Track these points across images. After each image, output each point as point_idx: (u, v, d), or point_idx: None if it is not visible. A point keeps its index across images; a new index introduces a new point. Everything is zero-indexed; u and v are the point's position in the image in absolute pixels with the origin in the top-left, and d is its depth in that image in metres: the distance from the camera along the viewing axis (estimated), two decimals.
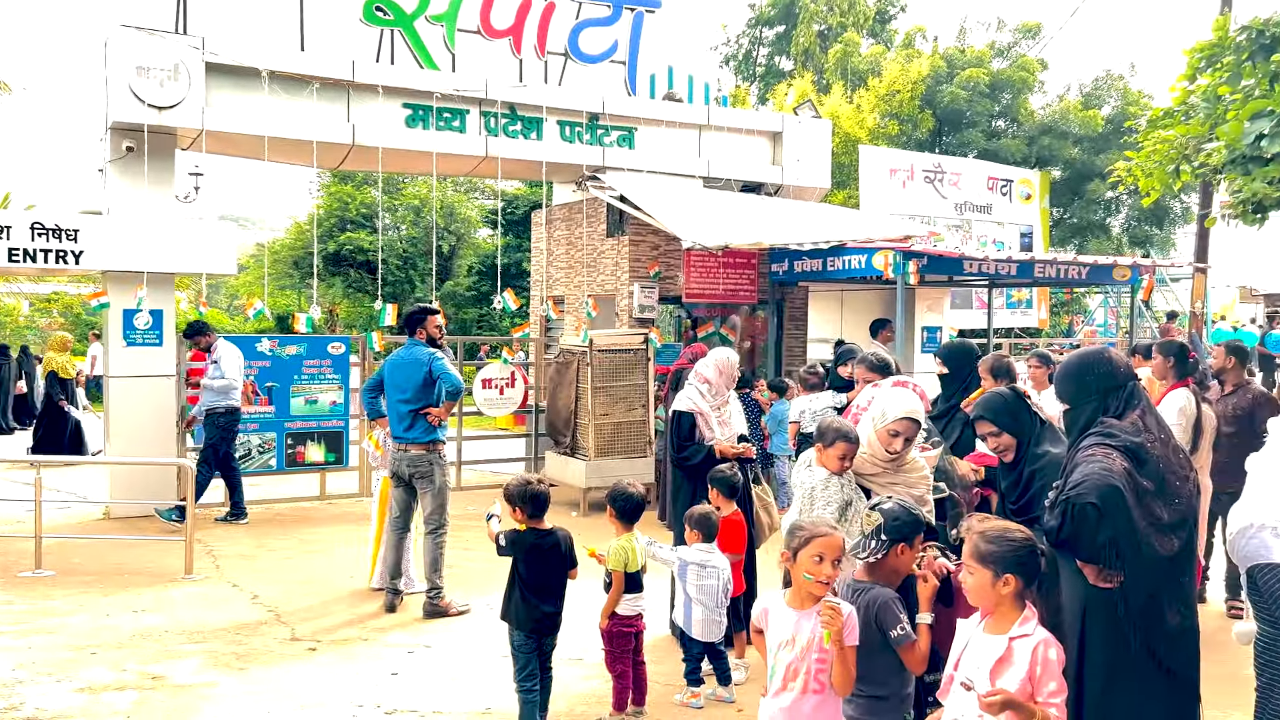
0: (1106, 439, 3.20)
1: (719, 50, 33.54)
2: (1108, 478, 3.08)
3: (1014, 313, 19.41)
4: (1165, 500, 3.14)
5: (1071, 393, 3.42)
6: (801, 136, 12.85)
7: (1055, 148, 20.78)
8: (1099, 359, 3.44)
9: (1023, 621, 2.87)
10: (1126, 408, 3.30)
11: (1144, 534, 3.07)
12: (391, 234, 28.24)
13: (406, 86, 10.55)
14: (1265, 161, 4.77)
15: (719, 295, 11.75)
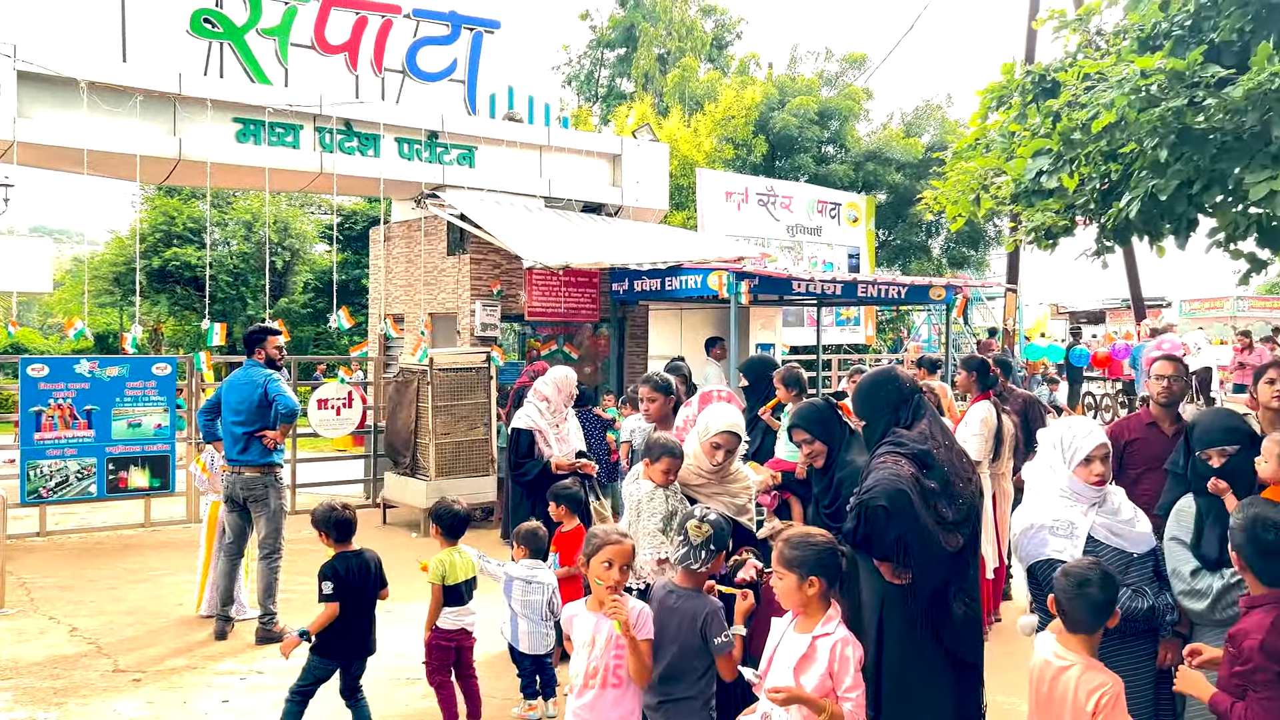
0: (896, 447, 3.50)
1: (561, 70, 33.85)
2: (895, 481, 3.37)
3: (843, 330, 20.33)
4: (950, 500, 3.47)
5: (866, 409, 3.72)
6: (640, 159, 13.18)
7: (880, 173, 21.95)
8: (888, 377, 3.75)
9: (826, 621, 3.10)
10: (915, 418, 3.63)
11: (930, 531, 3.38)
12: (222, 249, 27.20)
13: (237, 100, 10.30)
14: (1046, 194, 5.29)
15: (561, 314, 11.91)
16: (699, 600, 3.52)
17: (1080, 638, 3.05)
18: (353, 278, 24.46)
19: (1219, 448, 3.53)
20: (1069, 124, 4.95)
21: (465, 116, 11.96)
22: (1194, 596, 3.37)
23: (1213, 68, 4.52)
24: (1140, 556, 3.51)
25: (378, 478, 11.32)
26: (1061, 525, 3.50)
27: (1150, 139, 4.57)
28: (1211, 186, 4.71)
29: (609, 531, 3.47)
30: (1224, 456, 3.51)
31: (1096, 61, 5.17)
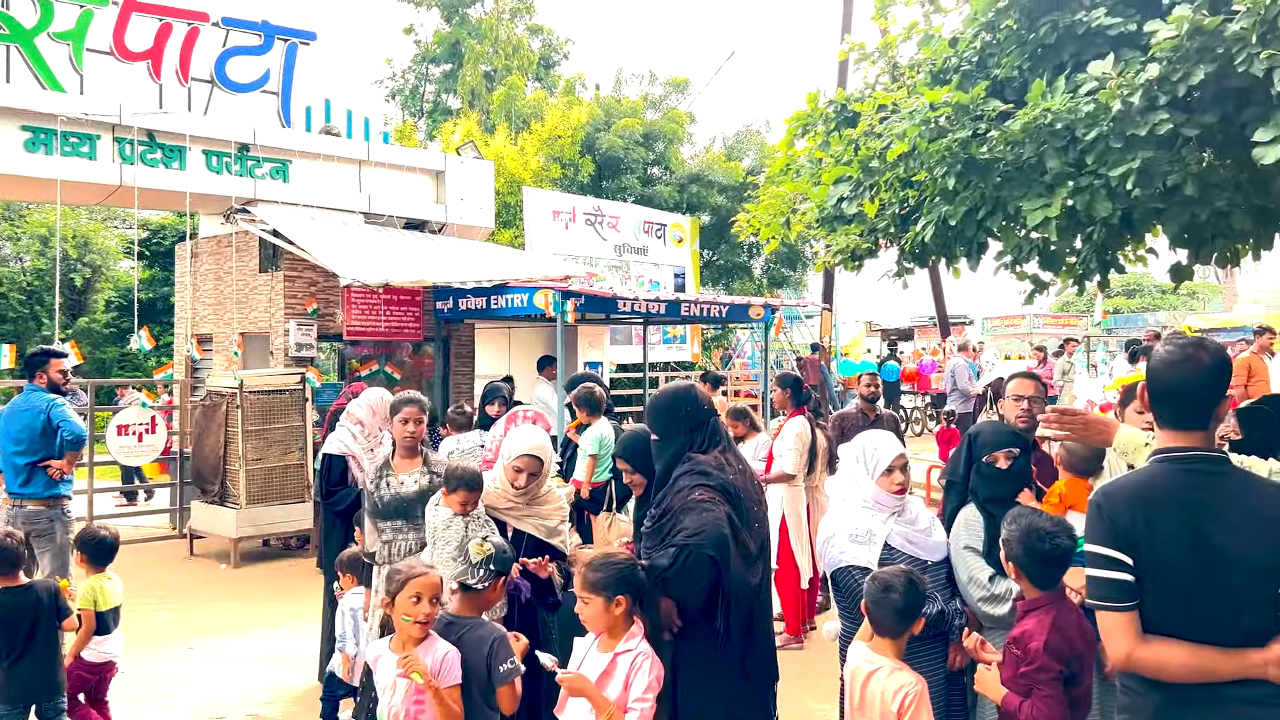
0: (704, 479, 3.46)
1: (385, 85, 33.15)
2: (719, 526, 3.34)
3: (670, 348, 20.65)
4: (749, 529, 3.53)
5: (661, 425, 3.66)
6: (465, 176, 13.05)
7: (703, 195, 22.45)
8: (688, 396, 3.69)
9: (628, 638, 3.12)
10: (710, 444, 3.61)
11: (739, 572, 3.41)
12: (13, 266, 25.26)
13: (25, 108, 9.61)
14: (848, 220, 5.55)
15: (382, 333, 11.62)
16: (484, 628, 3.46)
17: (887, 641, 3.18)
18: (161, 295, 23.13)
19: (1005, 449, 3.70)
20: (867, 152, 5.20)
21: (279, 129, 11.55)
22: (994, 602, 3.46)
23: (994, 102, 4.85)
24: (935, 564, 3.68)
25: (184, 506, 10.71)
26: (861, 534, 3.63)
27: (940, 167, 4.86)
28: (995, 212, 5.03)
29: (413, 564, 3.33)
30: (1010, 459, 3.67)
31: (890, 93, 5.46)
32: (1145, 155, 4.51)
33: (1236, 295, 37.43)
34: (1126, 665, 2.34)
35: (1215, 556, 2.29)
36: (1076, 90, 4.79)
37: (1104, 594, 2.35)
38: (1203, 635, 2.28)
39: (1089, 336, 25.70)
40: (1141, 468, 2.47)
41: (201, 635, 7.26)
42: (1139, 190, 4.60)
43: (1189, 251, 5.47)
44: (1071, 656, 3.02)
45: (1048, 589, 3.15)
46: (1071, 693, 3.03)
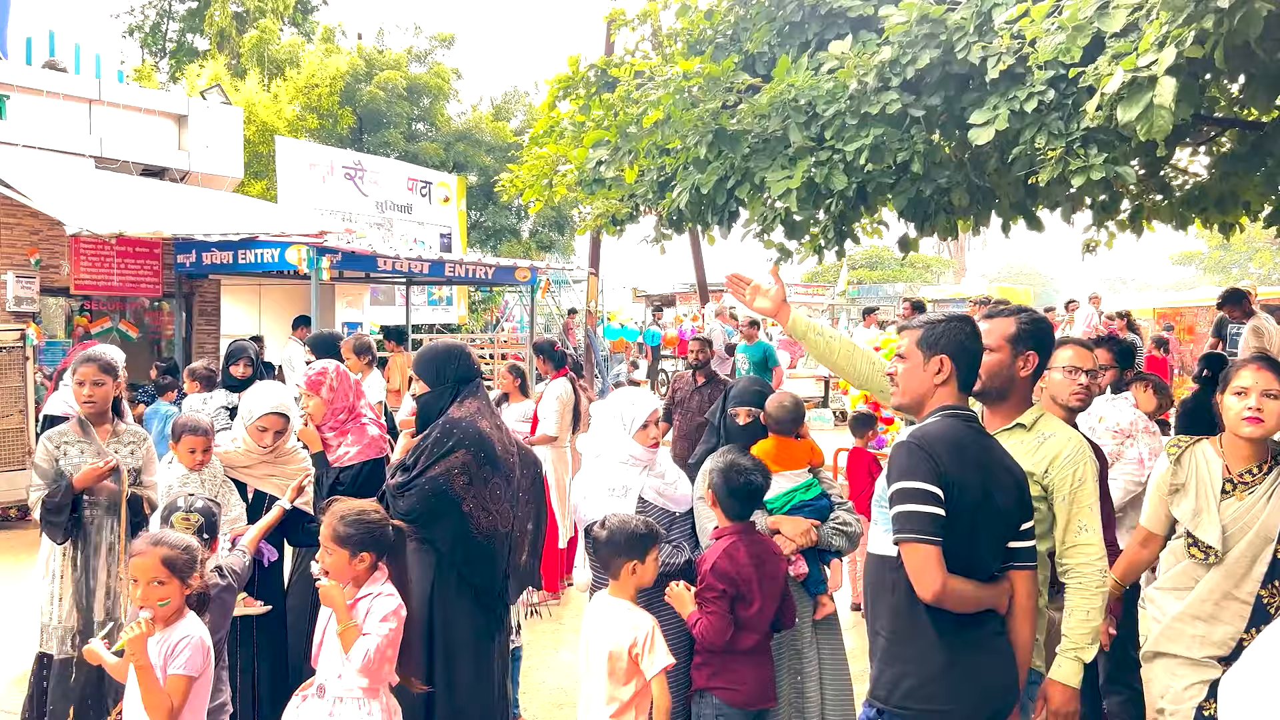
0: (446, 437, 3.61)
1: (122, 19, 30.43)
2: (438, 482, 3.53)
3: (435, 309, 20.32)
4: (500, 474, 3.65)
5: (431, 377, 3.77)
6: (211, 122, 12.24)
7: (470, 154, 22.15)
8: (462, 353, 3.84)
9: (371, 582, 3.14)
10: (469, 398, 3.76)
11: (473, 513, 3.56)
12: None
13: None
14: (605, 184, 5.66)
15: (115, 287, 10.75)
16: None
17: (618, 584, 3.32)
18: None
19: (747, 408, 3.95)
20: (625, 118, 5.31)
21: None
22: None
23: (744, 75, 5.07)
24: (682, 515, 3.87)
25: None
26: (618, 488, 3.76)
27: (692, 136, 5.03)
28: (744, 182, 5.28)
29: (133, 547, 3.05)
30: (750, 416, 3.94)
31: (647, 61, 5.59)
32: (877, 132, 4.86)
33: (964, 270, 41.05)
34: (938, 596, 2.49)
35: (992, 506, 2.58)
36: (819, 68, 5.09)
37: (920, 528, 2.49)
38: (969, 574, 2.55)
39: (834, 305, 27.36)
40: (936, 420, 2.65)
41: None
42: (872, 165, 4.95)
43: (915, 224, 5.95)
44: (739, 579, 3.31)
45: (736, 520, 3.46)
46: (741, 613, 3.32)
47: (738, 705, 3.35)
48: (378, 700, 3.07)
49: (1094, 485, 2.95)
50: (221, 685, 3.38)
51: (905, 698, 2.58)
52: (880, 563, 2.70)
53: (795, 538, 3.70)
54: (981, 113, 4.68)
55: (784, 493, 3.84)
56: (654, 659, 3.15)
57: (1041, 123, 4.54)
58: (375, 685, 3.05)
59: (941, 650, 2.56)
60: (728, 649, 3.33)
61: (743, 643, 3.34)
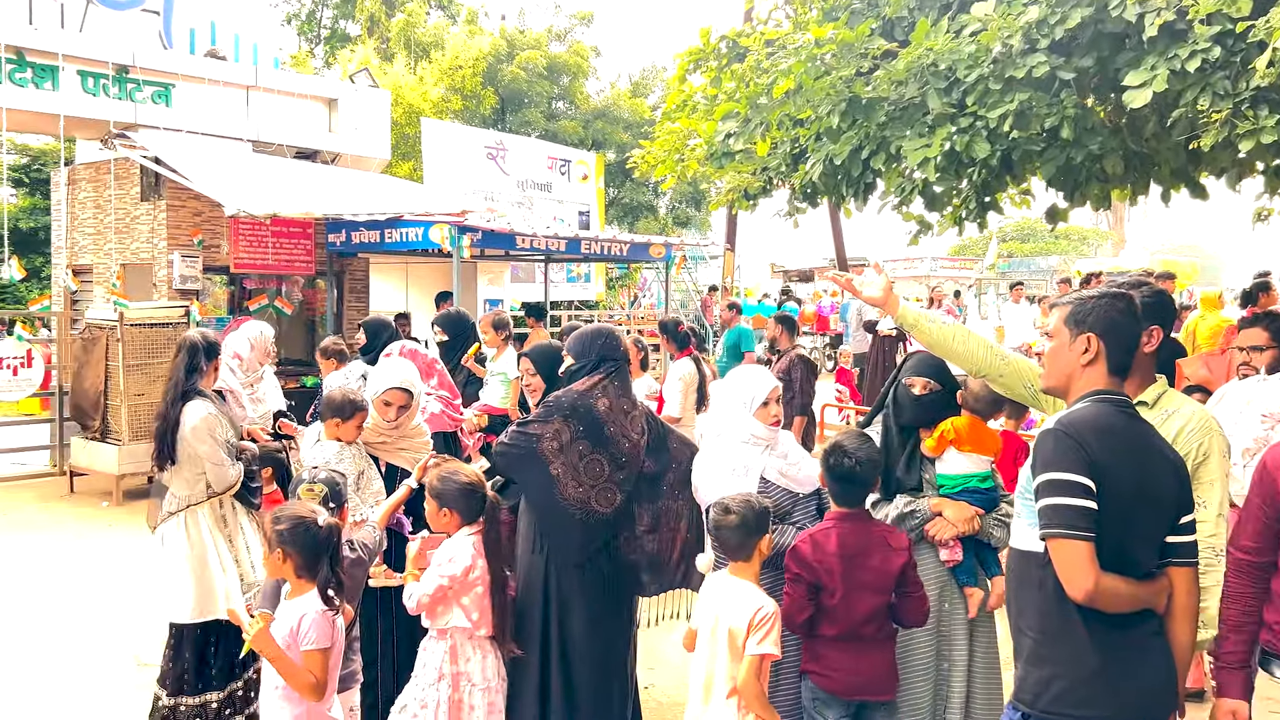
0: (549, 407, 3.74)
1: (279, 8, 31.80)
2: (529, 436, 3.70)
3: (574, 286, 20.61)
4: (604, 453, 3.71)
5: (576, 351, 3.89)
6: (360, 105, 12.66)
7: (608, 132, 22.28)
8: (611, 334, 3.97)
9: (451, 537, 3.46)
10: (594, 373, 3.84)
11: (561, 478, 3.65)
12: None
13: None
14: (735, 157, 5.57)
15: (271, 266, 11.28)
16: None
17: (740, 565, 3.28)
18: (44, 225, 22.02)
19: (925, 379, 3.75)
20: (755, 89, 5.20)
21: (161, 51, 11.02)
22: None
23: (878, 40, 4.89)
24: (805, 496, 3.78)
25: (64, 443, 10.34)
26: (739, 467, 3.71)
27: (824, 105, 4.89)
28: (880, 152, 5.10)
29: (268, 520, 3.20)
30: (927, 388, 3.74)
31: (778, 30, 5.46)
32: (1023, 97, 4.61)
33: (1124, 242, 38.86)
34: (1090, 596, 2.33)
35: (1148, 497, 2.41)
36: (960, 31, 4.86)
37: (1070, 522, 2.33)
38: (1123, 571, 2.38)
39: (981, 279, 26.41)
40: (1085, 405, 2.49)
41: (81, 573, 7.07)
42: (1017, 132, 4.70)
43: (1064, 194, 5.64)
44: (819, 568, 3.23)
45: (841, 505, 3.35)
46: (823, 602, 3.24)
47: (830, 691, 3.28)
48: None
49: (1220, 462, 2.75)
50: (352, 654, 3.52)
51: (1054, 701, 2.43)
52: (1025, 558, 2.53)
53: (958, 523, 3.57)
54: (1138, 73, 4.38)
55: (960, 474, 3.66)
56: (759, 642, 3.10)
57: (1205, 83, 4.21)
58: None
59: (1094, 652, 2.39)
60: (811, 634, 3.28)
61: (825, 630, 3.26)
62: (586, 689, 3.68)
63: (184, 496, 4.34)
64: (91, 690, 5.14)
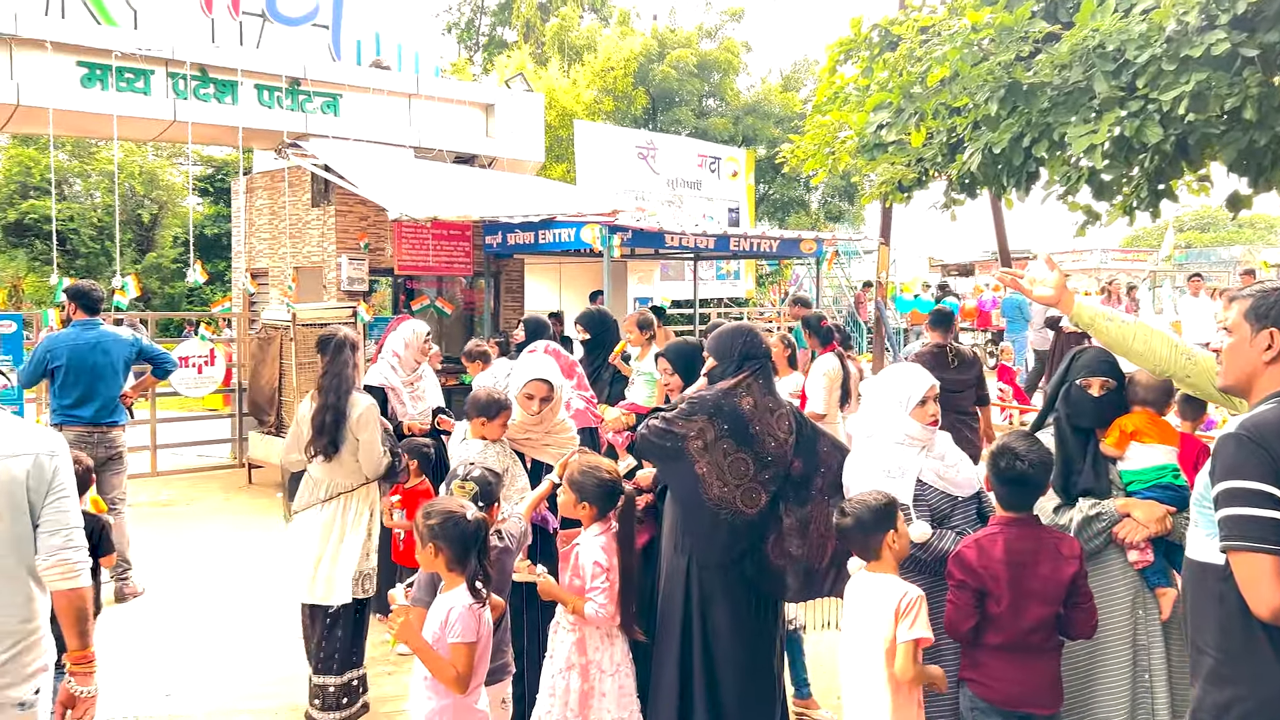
0: (691, 404, 3.71)
1: (440, 18, 32.97)
2: (674, 431, 3.68)
3: (724, 283, 20.54)
4: (748, 452, 3.65)
5: (718, 352, 3.86)
6: (515, 109, 12.98)
7: (759, 127, 22.12)
8: (750, 332, 3.92)
9: (585, 533, 3.53)
10: (740, 372, 3.79)
11: (706, 478, 3.62)
12: (85, 202, 25.82)
13: (80, 43, 9.73)
14: (887, 149, 5.41)
15: (432, 267, 11.69)
16: None
17: (878, 562, 3.21)
18: (225, 231, 23.57)
19: (1102, 378, 3.60)
20: (909, 78, 5.05)
21: (329, 63, 11.57)
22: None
23: (1039, 23, 4.66)
24: (965, 500, 3.64)
25: (243, 437, 11.01)
26: (894, 469, 3.60)
27: (983, 93, 4.70)
28: (1042, 139, 4.86)
29: (419, 515, 3.29)
30: (1105, 388, 3.58)
31: (930, 16, 5.28)
32: (1200, 77, 4.30)
33: None
34: (1277, 614, 2.16)
35: None
36: (1130, 10, 4.58)
37: (1254, 534, 2.17)
38: None
39: (1156, 271, 24.96)
40: (1271, 407, 2.31)
41: (256, 559, 7.51)
42: (1193, 115, 4.40)
43: (1248, 179, 5.24)
44: (984, 575, 3.11)
45: (1009, 509, 3.21)
46: (989, 609, 3.12)
47: (990, 701, 3.15)
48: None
49: None
50: (503, 646, 3.60)
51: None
52: (1202, 570, 2.36)
53: (1149, 524, 3.38)
54: None
55: (1153, 468, 3.46)
56: (910, 627, 3.02)
57: None
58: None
59: None
60: (974, 642, 3.15)
61: (989, 639, 3.13)
62: (731, 691, 3.66)
63: (334, 484, 4.53)
64: (263, 664, 5.44)
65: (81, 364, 6.45)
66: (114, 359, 6.52)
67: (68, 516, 2.88)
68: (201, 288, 24.74)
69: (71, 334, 6.58)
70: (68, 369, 6.45)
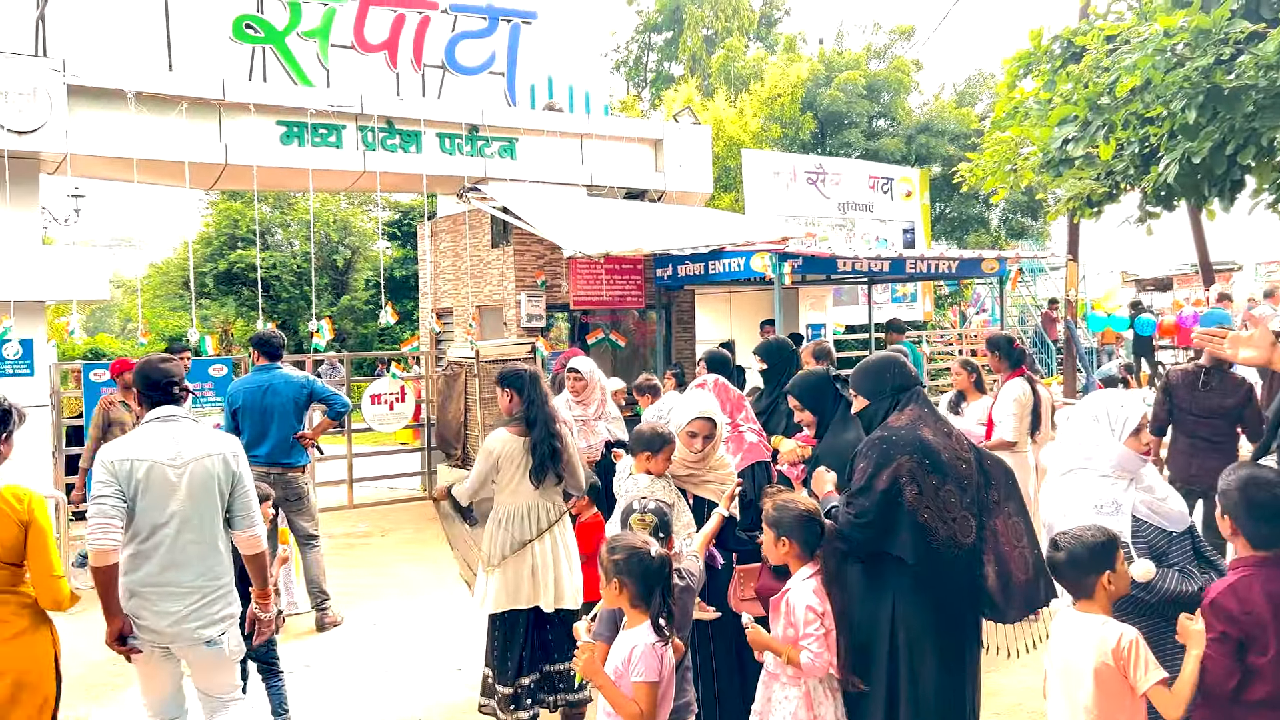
0: (886, 445, 3.48)
1: (609, 57, 33.80)
2: (889, 491, 3.43)
3: (899, 307, 20.02)
4: (955, 482, 3.44)
5: (868, 389, 3.69)
6: (683, 143, 13.12)
7: (933, 145, 21.52)
8: (895, 361, 3.74)
9: (794, 578, 3.36)
10: (908, 406, 3.61)
11: (931, 523, 3.38)
12: (285, 250, 27.70)
13: (280, 104, 10.47)
14: (1074, 163, 5.15)
15: (605, 301, 11.92)
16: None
17: (1091, 601, 3.03)
18: (412, 273, 24.77)
19: None
20: (1095, 89, 4.80)
21: (505, 108, 12.02)
22: None
23: (1241, 23, 4.34)
24: (1179, 535, 3.40)
25: (432, 470, 11.48)
26: (1107, 504, 3.39)
27: (1178, 100, 4.41)
28: (1248, 145, 4.53)
29: (602, 549, 3.31)
30: None
31: (1117, 24, 5.00)
32: None
33: None
34: None
35: None
36: None
37: None
38: None
39: None
40: None
41: (442, 589, 7.79)
42: None
43: None
44: (1245, 621, 2.83)
45: (1261, 548, 2.92)
46: (1250, 660, 2.83)
47: None
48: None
49: None
50: (685, 684, 3.56)
51: None
52: None
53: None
54: None
55: None
56: (1145, 672, 2.83)
57: None
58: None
59: None
60: (1233, 698, 2.87)
61: (1252, 693, 2.84)
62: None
63: (543, 510, 4.68)
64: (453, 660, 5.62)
65: (255, 405, 6.87)
66: (285, 399, 6.88)
67: (250, 501, 3.99)
68: (392, 327, 26.12)
69: (249, 377, 7.06)
70: (244, 410, 6.89)
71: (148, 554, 3.80)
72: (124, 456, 3.78)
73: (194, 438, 3.91)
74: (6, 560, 3.43)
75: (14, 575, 3.47)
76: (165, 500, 3.80)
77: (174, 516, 3.80)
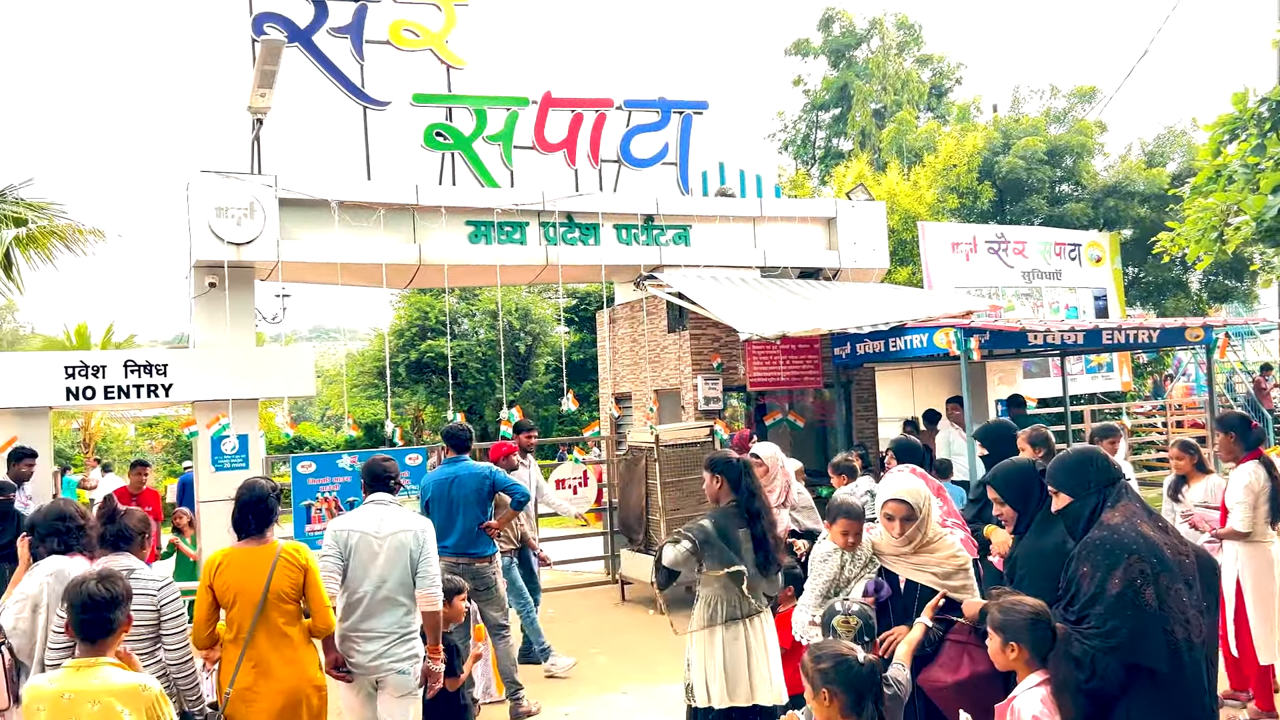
0: (1113, 547, 3.25)
1: (777, 137, 34.06)
2: (1128, 597, 3.18)
3: (1094, 377, 19.00)
4: (1185, 582, 3.20)
5: (1072, 485, 3.49)
6: (857, 219, 13.03)
7: (1122, 208, 20.49)
8: (1098, 454, 3.55)
9: (1022, 685, 3.15)
10: (1119, 501, 3.38)
11: (1172, 628, 3.13)
12: (470, 339, 28.95)
13: (468, 205, 11.05)
14: None
15: (782, 382, 11.84)
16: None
17: None
18: (590, 357, 25.40)
19: None
20: None
21: (678, 197, 12.27)
22: None
23: None
24: None
25: (615, 554, 11.56)
26: None
27: None
28: None
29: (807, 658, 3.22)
30: None
31: None
32: None
33: None
34: None
35: None
36: None
37: None
38: None
39: None
40: None
41: (631, 680, 7.76)
42: None
43: None
44: None
45: None
46: None
47: None
48: None
49: None
50: None
51: None
52: None
53: None
54: None
55: None
56: None
57: None
58: None
59: None
60: None
61: None
62: None
63: (760, 595, 4.63)
64: None
65: (443, 497, 7.14)
66: (468, 491, 7.10)
67: (432, 568, 5.03)
68: (573, 413, 26.73)
69: (439, 470, 7.34)
70: (434, 501, 7.17)
71: (354, 606, 4.96)
72: (344, 528, 5.05)
73: (395, 517, 5.09)
74: (294, 596, 4.57)
75: (299, 609, 4.61)
76: (368, 564, 4.95)
77: (373, 577, 4.93)
